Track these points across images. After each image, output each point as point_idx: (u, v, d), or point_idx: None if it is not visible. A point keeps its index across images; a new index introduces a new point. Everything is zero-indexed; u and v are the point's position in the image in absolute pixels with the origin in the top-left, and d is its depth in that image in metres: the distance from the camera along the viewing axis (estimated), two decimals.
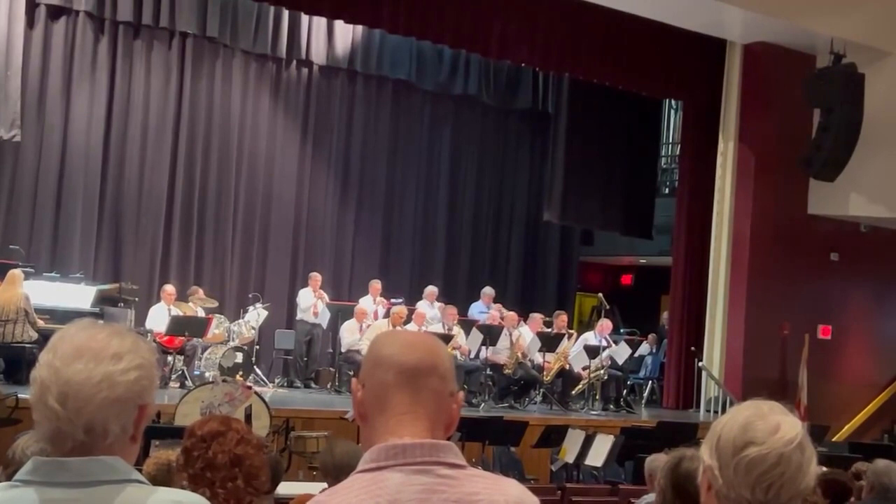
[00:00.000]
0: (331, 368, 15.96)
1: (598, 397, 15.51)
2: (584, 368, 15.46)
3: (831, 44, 15.42)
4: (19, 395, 9.61)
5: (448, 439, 2.08)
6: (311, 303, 15.85)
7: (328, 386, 15.57)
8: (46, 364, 1.99)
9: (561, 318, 16.23)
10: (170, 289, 14.73)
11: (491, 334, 14.93)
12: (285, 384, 15.73)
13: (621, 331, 19.32)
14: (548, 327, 16.05)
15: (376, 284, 16.30)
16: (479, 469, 2.14)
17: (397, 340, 2.13)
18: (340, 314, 15.89)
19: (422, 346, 2.10)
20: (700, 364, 16.59)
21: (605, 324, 16.06)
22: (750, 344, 16.36)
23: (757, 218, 16.54)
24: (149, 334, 13.70)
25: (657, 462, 5.38)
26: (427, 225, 19.33)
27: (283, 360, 16.28)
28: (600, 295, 17.00)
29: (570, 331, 16.31)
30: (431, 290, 16.57)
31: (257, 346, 15.26)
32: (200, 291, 15.25)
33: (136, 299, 14.57)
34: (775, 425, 2.12)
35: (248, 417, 9.73)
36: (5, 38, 14.62)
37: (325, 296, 16.07)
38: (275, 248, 17.60)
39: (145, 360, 2.03)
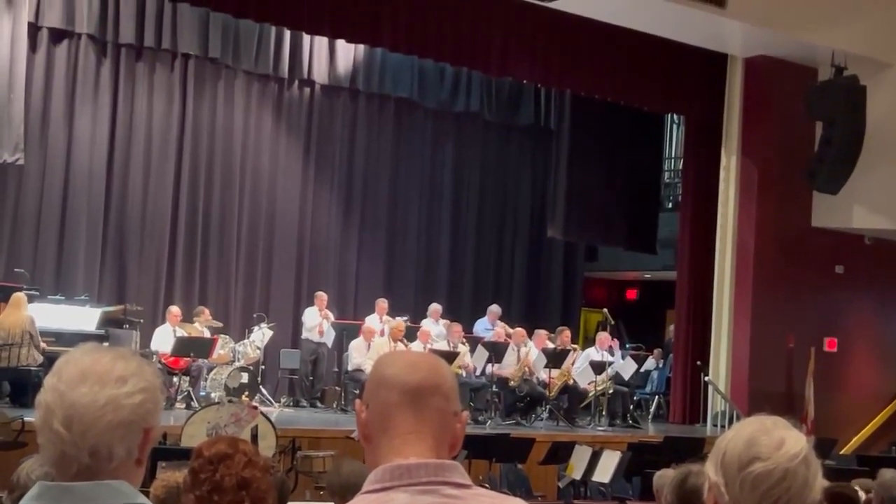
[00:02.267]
0: (336, 387, 15.93)
1: (604, 413, 15.48)
2: (589, 384, 15.44)
3: (832, 56, 15.43)
4: (25, 419, 9.61)
5: (454, 458, 2.08)
6: (317, 322, 15.85)
7: (334, 405, 15.55)
8: (51, 388, 1.99)
9: (564, 334, 16.21)
10: (175, 310, 14.76)
11: (496, 351, 14.92)
12: (291, 404, 15.73)
13: (627, 346, 19.31)
14: (552, 343, 16.05)
15: (382, 303, 16.29)
16: (486, 488, 2.14)
17: (400, 360, 2.12)
18: (345, 333, 15.89)
19: (425, 366, 2.09)
20: (706, 378, 16.56)
21: (604, 337, 16.03)
22: (756, 358, 16.33)
23: (761, 231, 16.54)
24: (154, 355, 13.72)
25: (665, 478, 5.37)
26: (431, 242, 19.34)
27: (289, 380, 16.28)
28: (605, 310, 16.98)
29: (574, 346, 16.30)
30: (436, 307, 16.57)
31: (262, 366, 15.27)
32: (207, 312, 15.27)
33: (141, 321, 14.60)
34: (780, 440, 2.12)
35: (255, 438, 9.72)
36: (8, 61, 14.67)
37: (331, 315, 16.07)
38: (279, 268, 17.61)
39: (150, 383, 2.03)
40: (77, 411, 1.95)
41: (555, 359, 15.30)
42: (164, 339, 14.30)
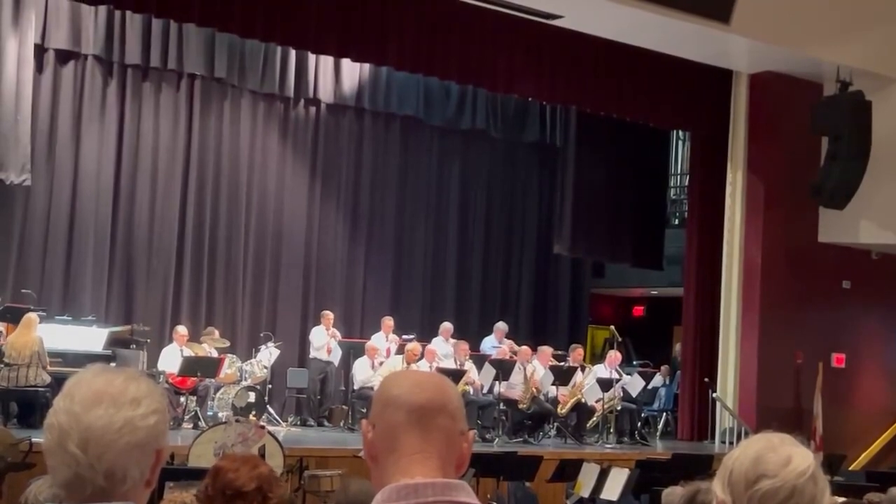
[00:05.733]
0: (343, 406, 15.93)
1: (612, 430, 15.46)
2: (597, 401, 15.42)
3: (837, 71, 15.43)
4: (33, 439, 9.61)
5: (461, 478, 2.08)
6: (325, 341, 15.86)
7: (341, 424, 15.54)
8: (64, 410, 1.98)
9: (577, 352, 16.26)
10: (182, 330, 14.78)
11: (503, 369, 14.91)
12: (298, 423, 15.73)
13: (634, 363, 19.29)
14: (561, 361, 16.03)
15: (389, 321, 16.30)
16: None
17: (406, 380, 2.13)
18: (352, 351, 15.88)
19: (431, 386, 2.10)
20: (714, 395, 16.53)
21: (614, 356, 16.03)
22: (764, 374, 16.30)
23: (767, 247, 16.52)
24: (161, 375, 13.73)
25: (674, 495, 5.37)
26: (437, 260, 19.33)
27: (296, 399, 16.28)
28: (612, 327, 16.97)
29: (585, 364, 16.30)
30: (447, 326, 16.49)
31: (270, 386, 15.26)
32: (216, 333, 15.28)
33: (148, 341, 14.61)
34: (787, 457, 2.12)
35: (262, 457, 9.71)
36: (15, 82, 14.71)
37: (338, 333, 16.09)
38: (286, 287, 17.61)
39: (160, 404, 2.04)
40: (94, 433, 1.95)
41: (562, 376, 15.31)
42: (171, 359, 14.32)
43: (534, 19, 14.99)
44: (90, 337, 14.11)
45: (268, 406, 14.82)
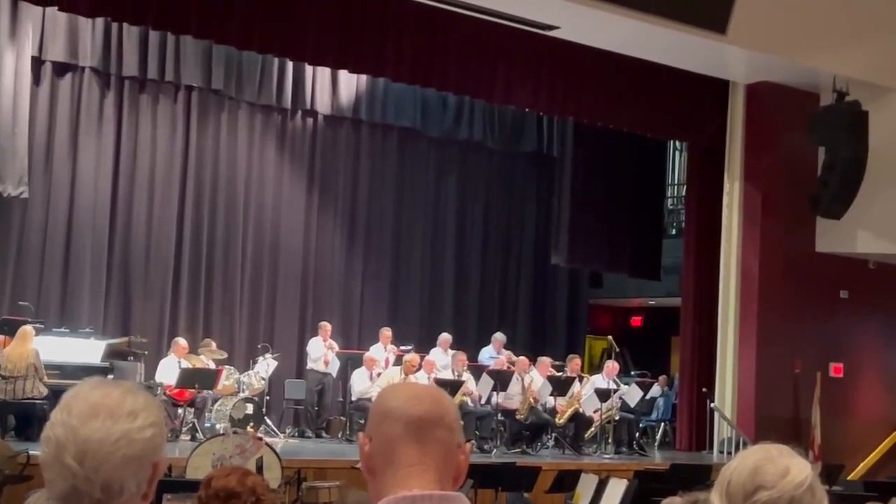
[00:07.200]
0: (341, 417, 15.92)
1: (610, 440, 15.44)
2: (595, 411, 15.41)
3: (834, 81, 15.45)
4: (30, 452, 9.60)
5: (459, 490, 2.08)
6: (322, 353, 15.85)
7: (339, 435, 15.52)
8: (61, 423, 1.98)
9: (574, 362, 16.24)
10: (182, 342, 14.74)
11: (501, 379, 14.90)
12: (296, 434, 15.70)
13: (632, 373, 19.28)
14: (559, 371, 16.02)
15: (387, 332, 16.30)
16: None
17: (404, 393, 2.13)
18: (350, 362, 15.87)
19: (428, 398, 2.10)
20: (712, 405, 16.52)
21: (612, 366, 16.03)
22: (762, 384, 16.28)
23: (765, 257, 16.52)
24: (159, 387, 13.71)
25: None
26: (435, 271, 19.33)
27: (294, 410, 16.26)
28: (610, 337, 16.96)
29: (583, 374, 16.29)
30: (445, 337, 16.45)
31: (267, 397, 15.25)
32: (213, 345, 15.26)
33: (146, 353, 14.59)
34: (785, 468, 2.11)
35: (260, 469, 9.70)
36: (12, 95, 14.72)
37: (335, 345, 16.07)
38: (283, 298, 17.60)
39: (158, 417, 2.04)
40: (90, 446, 1.95)
41: (560, 386, 15.29)
42: (168, 370, 14.30)
43: (530, 30, 15.01)
44: (88, 349, 14.10)
45: (265, 417, 14.81)
